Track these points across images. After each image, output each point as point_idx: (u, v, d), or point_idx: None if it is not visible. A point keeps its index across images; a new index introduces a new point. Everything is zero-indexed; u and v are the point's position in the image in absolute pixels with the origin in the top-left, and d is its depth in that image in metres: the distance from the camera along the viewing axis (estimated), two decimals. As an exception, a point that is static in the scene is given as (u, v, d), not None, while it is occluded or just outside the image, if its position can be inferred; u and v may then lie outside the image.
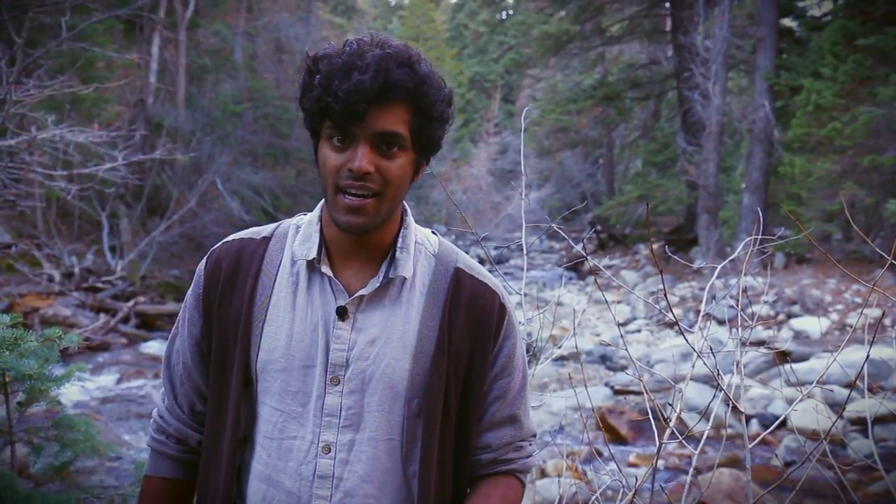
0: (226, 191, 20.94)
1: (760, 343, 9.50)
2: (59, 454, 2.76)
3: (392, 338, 1.51)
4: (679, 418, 2.11)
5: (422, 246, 1.59)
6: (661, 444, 1.75)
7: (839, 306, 13.50)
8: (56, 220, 17.03)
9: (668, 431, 1.81)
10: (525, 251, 2.33)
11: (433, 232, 1.65)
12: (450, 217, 30.97)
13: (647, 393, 1.86)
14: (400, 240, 1.54)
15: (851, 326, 11.57)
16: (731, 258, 2.14)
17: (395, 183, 1.44)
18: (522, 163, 2.44)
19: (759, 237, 2.23)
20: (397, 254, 1.53)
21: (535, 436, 1.69)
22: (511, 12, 48.95)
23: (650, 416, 1.90)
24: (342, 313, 1.49)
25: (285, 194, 23.12)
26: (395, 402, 1.51)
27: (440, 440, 1.54)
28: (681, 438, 1.83)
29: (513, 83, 46.60)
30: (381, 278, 1.51)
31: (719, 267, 2.18)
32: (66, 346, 2.61)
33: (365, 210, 1.42)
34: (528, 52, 35.48)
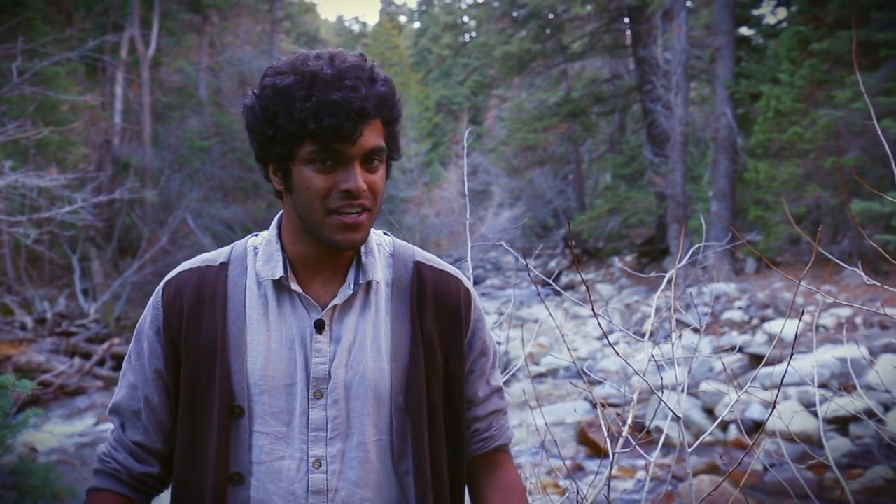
0: (197, 227, 20.87)
1: (733, 348, 9.59)
2: (19, 502, 2.71)
3: (366, 341, 1.51)
4: (657, 429, 2.14)
5: (380, 247, 1.61)
6: (614, 454, 1.78)
7: (811, 308, 13.63)
8: (26, 266, 16.87)
9: (620, 441, 1.84)
10: (471, 269, 2.36)
11: (384, 233, 1.67)
12: (424, 240, 30.97)
13: (600, 406, 1.89)
14: (363, 246, 1.55)
15: (824, 327, 11.70)
16: (671, 271, 2.18)
17: (380, 195, 1.47)
18: (465, 185, 2.47)
19: (706, 244, 2.27)
20: (363, 259, 1.54)
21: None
22: (473, 35, 49.31)
23: (603, 428, 1.93)
24: (320, 326, 1.49)
25: (257, 227, 23.04)
26: (379, 402, 1.51)
27: (430, 433, 1.54)
28: (635, 445, 1.86)
29: (479, 104, 46.85)
30: (351, 286, 1.52)
31: (666, 277, 2.22)
32: (21, 391, 2.58)
33: (362, 226, 1.44)
34: (492, 72, 35.74)
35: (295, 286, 1.51)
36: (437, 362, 1.56)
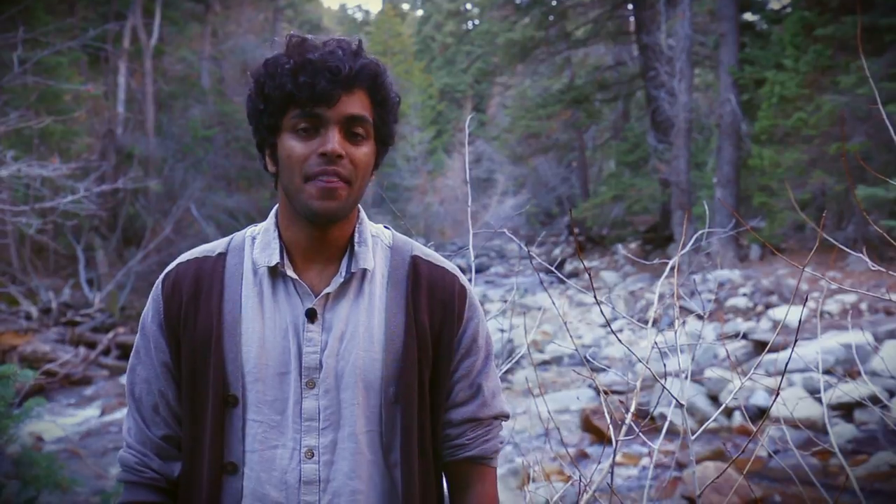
0: (201, 216, 20.88)
1: (737, 335, 9.59)
2: (22, 492, 2.71)
3: (358, 330, 1.51)
4: (661, 416, 2.14)
5: (377, 239, 1.60)
6: (617, 441, 1.78)
7: (816, 294, 13.60)
8: (31, 256, 16.90)
9: (623, 429, 1.83)
10: (473, 257, 2.35)
11: (385, 227, 1.67)
12: (427, 229, 30.96)
13: (604, 393, 1.89)
14: (357, 234, 1.55)
15: (829, 313, 11.69)
16: (675, 258, 2.18)
17: (362, 170, 1.46)
18: (468, 173, 2.46)
19: (710, 231, 2.26)
20: (356, 248, 1.54)
21: (506, 417, 1.68)
22: (476, 22, 49.19)
23: (607, 416, 1.93)
24: (311, 315, 1.49)
25: (260, 216, 22.74)
26: (369, 393, 1.50)
27: (419, 426, 1.54)
28: (638, 432, 1.85)
29: (483, 92, 46.75)
30: (343, 274, 1.52)
31: (670, 264, 2.22)
32: (23, 381, 2.58)
33: (338, 193, 1.43)
34: (496, 60, 35.67)
35: (290, 272, 1.51)
36: (428, 355, 1.56)
